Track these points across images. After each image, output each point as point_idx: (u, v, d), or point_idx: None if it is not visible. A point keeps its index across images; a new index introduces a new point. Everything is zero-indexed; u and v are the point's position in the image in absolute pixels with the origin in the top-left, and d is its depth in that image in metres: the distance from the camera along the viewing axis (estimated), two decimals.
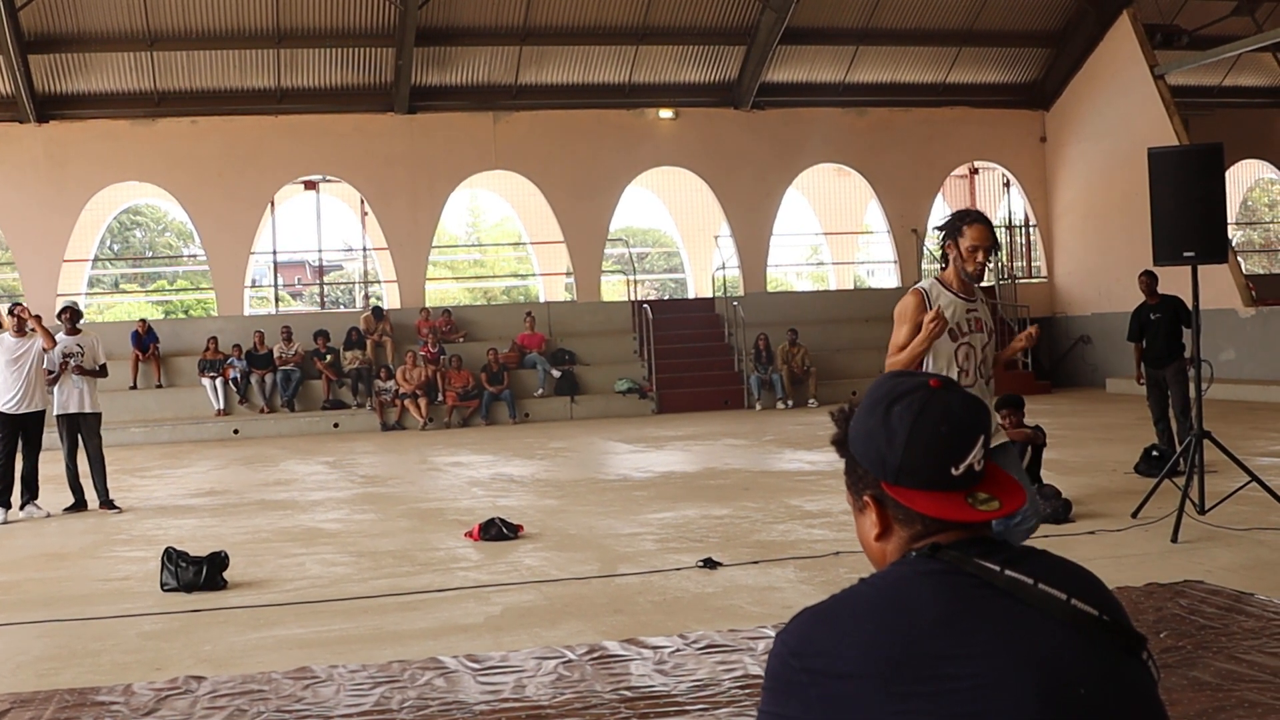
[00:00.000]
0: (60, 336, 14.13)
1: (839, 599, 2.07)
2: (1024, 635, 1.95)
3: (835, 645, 1.98)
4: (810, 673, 1.98)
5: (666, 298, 38.81)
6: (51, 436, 14.22)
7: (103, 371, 14.41)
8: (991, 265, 6.81)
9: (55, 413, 13.97)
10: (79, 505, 13.93)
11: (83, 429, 13.95)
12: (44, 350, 13.76)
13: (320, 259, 36.22)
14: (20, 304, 14.51)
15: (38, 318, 14.04)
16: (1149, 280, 14.39)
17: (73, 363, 13.88)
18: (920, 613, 1.98)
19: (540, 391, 25.83)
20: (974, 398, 2.19)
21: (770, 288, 31.19)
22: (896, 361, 6.51)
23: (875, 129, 30.15)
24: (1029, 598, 2.00)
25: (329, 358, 25.64)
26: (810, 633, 2.03)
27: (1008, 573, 2.02)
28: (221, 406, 24.86)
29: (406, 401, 24.50)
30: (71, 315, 14.34)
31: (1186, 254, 10.19)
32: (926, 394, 2.13)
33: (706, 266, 32.96)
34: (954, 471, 2.09)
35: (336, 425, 24.63)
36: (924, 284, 6.75)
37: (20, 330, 13.83)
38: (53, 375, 13.87)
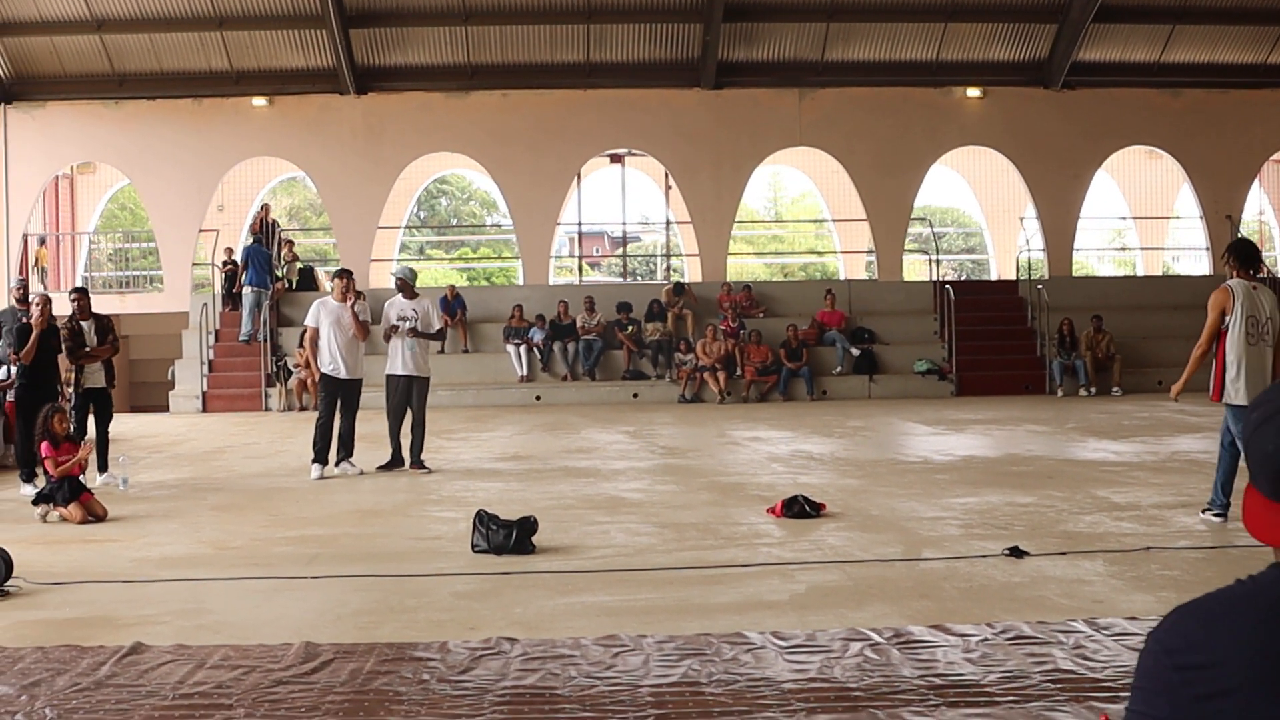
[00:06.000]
0: (398, 300, 14.67)
1: (1214, 597, 1.96)
2: None
3: (1209, 646, 1.89)
4: (1182, 670, 1.89)
5: (964, 278, 38.22)
6: (369, 397, 14.81)
7: (439, 335, 14.91)
8: None
9: (387, 371, 14.53)
10: (395, 463, 14.46)
11: (413, 392, 14.47)
12: (355, 314, 14.34)
13: (624, 231, 36.74)
14: (349, 272, 15.07)
15: (359, 294, 14.72)
16: None
17: (406, 325, 14.39)
18: None
19: (839, 369, 25.74)
20: None
21: (1074, 272, 30.44)
22: None
23: (1190, 111, 29.06)
24: None
25: (630, 329, 25.99)
26: (1184, 630, 1.93)
27: None
28: (525, 373, 25.49)
29: (705, 375, 24.69)
30: (403, 284, 14.86)
31: None
32: (1273, 409, 2.02)
33: (1010, 248, 32.36)
34: None
35: (636, 395, 25.00)
36: None
37: (344, 296, 14.41)
38: (387, 333, 14.43)
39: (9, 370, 14.60)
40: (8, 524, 10.93)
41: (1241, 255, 10.03)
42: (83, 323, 14.07)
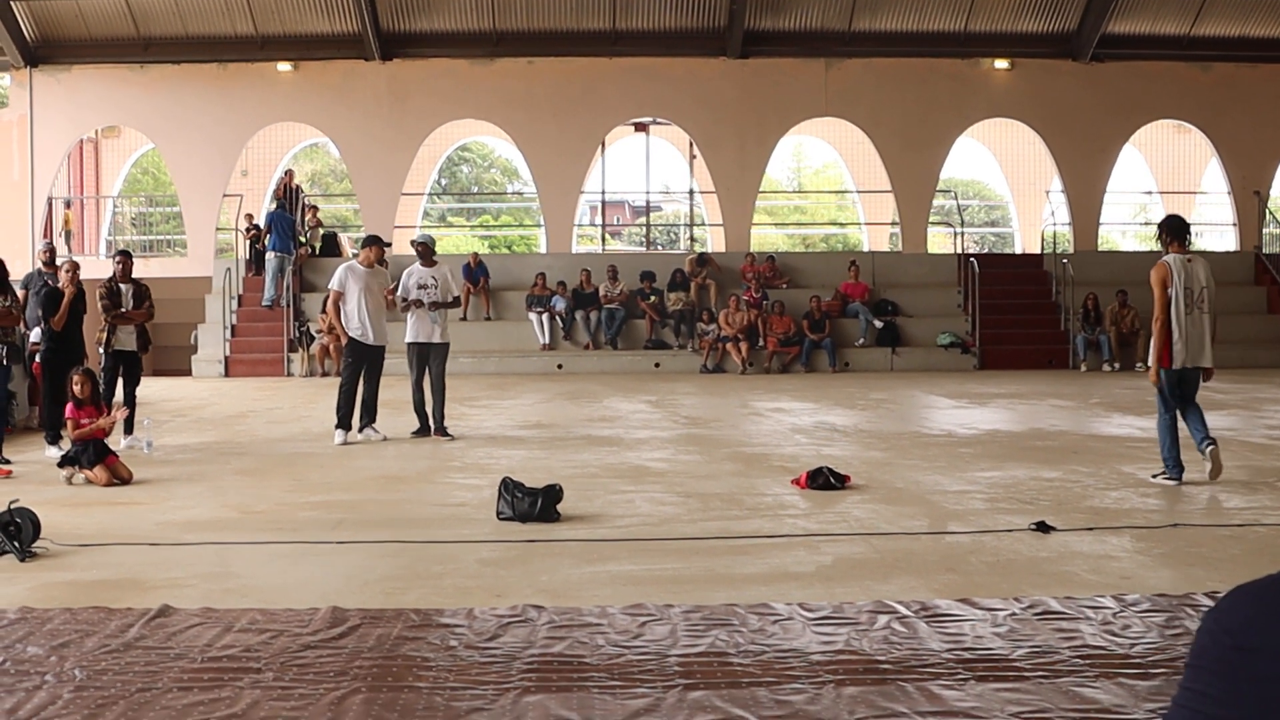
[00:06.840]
0: (416, 268, 14.69)
1: (1275, 580, 1.86)
2: None
3: (1269, 628, 1.81)
4: (1241, 651, 1.80)
5: (987, 251, 38.09)
6: (392, 363, 14.81)
7: (455, 303, 14.91)
8: None
9: (406, 339, 14.54)
10: (424, 431, 14.47)
11: (431, 357, 14.48)
12: (389, 288, 14.38)
13: (648, 201, 36.68)
14: (385, 242, 15.11)
15: (383, 262, 14.77)
16: None
17: (427, 295, 14.40)
18: None
19: (861, 341, 25.71)
20: None
21: (1099, 246, 30.31)
22: None
23: (1220, 85, 28.83)
24: None
25: (653, 298, 25.96)
26: (1245, 610, 1.85)
27: None
28: (547, 341, 25.49)
29: (728, 345, 24.67)
30: (423, 250, 14.88)
31: None
32: None
33: (1035, 222, 32.25)
34: None
35: (658, 365, 25.00)
36: None
37: (372, 264, 14.42)
38: (405, 304, 14.45)
39: (38, 332, 14.68)
40: (34, 486, 10.96)
41: (1175, 231, 11.19)
42: (122, 285, 14.17)
